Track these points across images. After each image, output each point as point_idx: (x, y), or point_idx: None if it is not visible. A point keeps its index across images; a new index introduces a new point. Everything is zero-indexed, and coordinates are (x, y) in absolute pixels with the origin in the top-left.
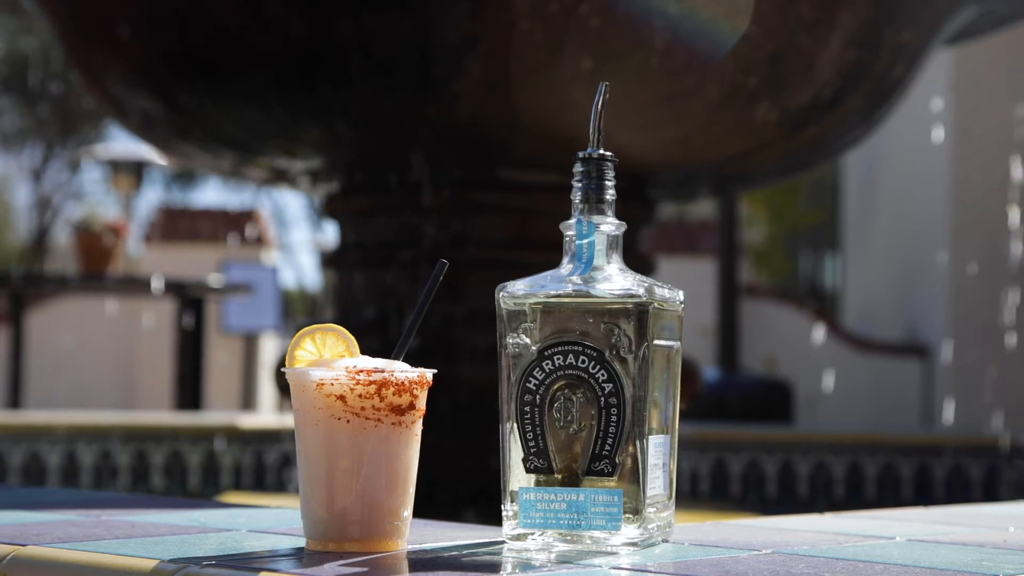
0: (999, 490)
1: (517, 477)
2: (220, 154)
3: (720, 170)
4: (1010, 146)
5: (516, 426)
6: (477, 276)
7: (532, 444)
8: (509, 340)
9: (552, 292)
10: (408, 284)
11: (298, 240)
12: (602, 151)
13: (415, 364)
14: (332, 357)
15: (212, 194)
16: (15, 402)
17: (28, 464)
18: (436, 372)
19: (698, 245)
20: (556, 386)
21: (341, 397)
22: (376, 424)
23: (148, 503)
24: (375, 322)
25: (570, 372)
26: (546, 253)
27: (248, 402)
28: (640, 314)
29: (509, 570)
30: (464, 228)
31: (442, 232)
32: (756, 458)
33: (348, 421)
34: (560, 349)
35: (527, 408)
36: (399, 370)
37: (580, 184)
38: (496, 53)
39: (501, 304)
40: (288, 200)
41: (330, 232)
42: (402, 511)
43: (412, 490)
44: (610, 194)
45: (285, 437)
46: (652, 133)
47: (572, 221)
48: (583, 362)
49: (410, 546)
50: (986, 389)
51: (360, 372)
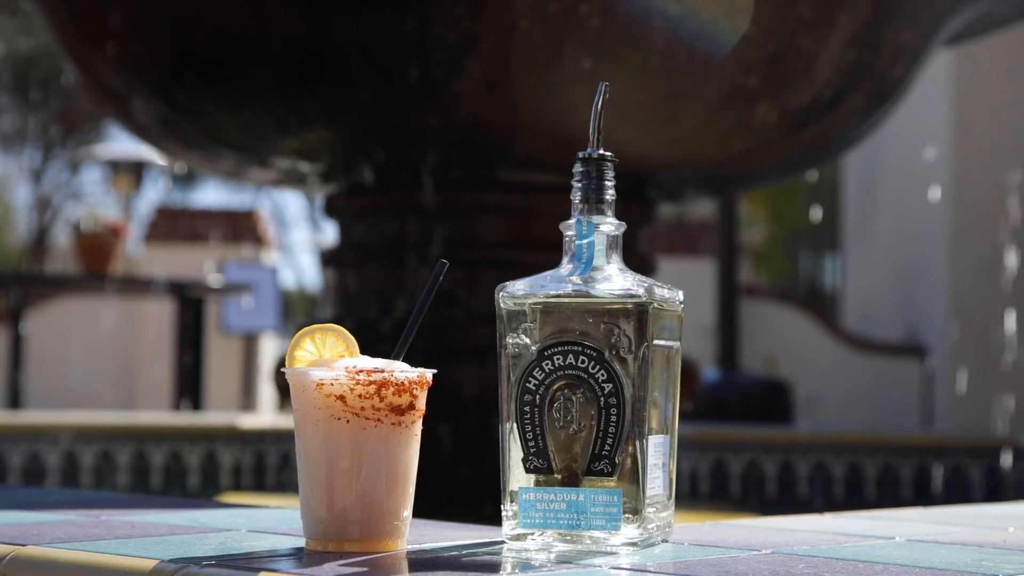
0: (999, 490)
1: (517, 477)
2: (220, 154)
3: (720, 170)
4: (1010, 147)
5: (516, 426)
6: (477, 276)
7: (532, 444)
8: (509, 340)
9: (552, 292)
10: (408, 284)
11: (298, 240)
12: (602, 151)
13: (415, 364)
14: (332, 357)
15: (212, 194)
16: (15, 402)
17: (28, 464)
18: (435, 372)
19: (698, 245)
20: (556, 386)
21: (341, 397)
22: (376, 424)
23: (148, 503)
24: (375, 322)
25: (570, 372)
26: (546, 253)
27: (248, 402)
28: (640, 314)
29: (509, 570)
30: (464, 228)
31: (442, 232)
32: (756, 458)
33: (348, 421)
34: (560, 349)
35: (527, 408)
36: (399, 370)
37: (580, 184)
38: (496, 53)
39: (501, 304)
40: (288, 200)
41: (330, 232)
42: (402, 511)
43: (412, 490)
44: (610, 194)
45: (285, 437)
46: (652, 133)
47: (572, 221)
48: (583, 362)
49: (410, 546)
50: (986, 389)
51: (360, 372)
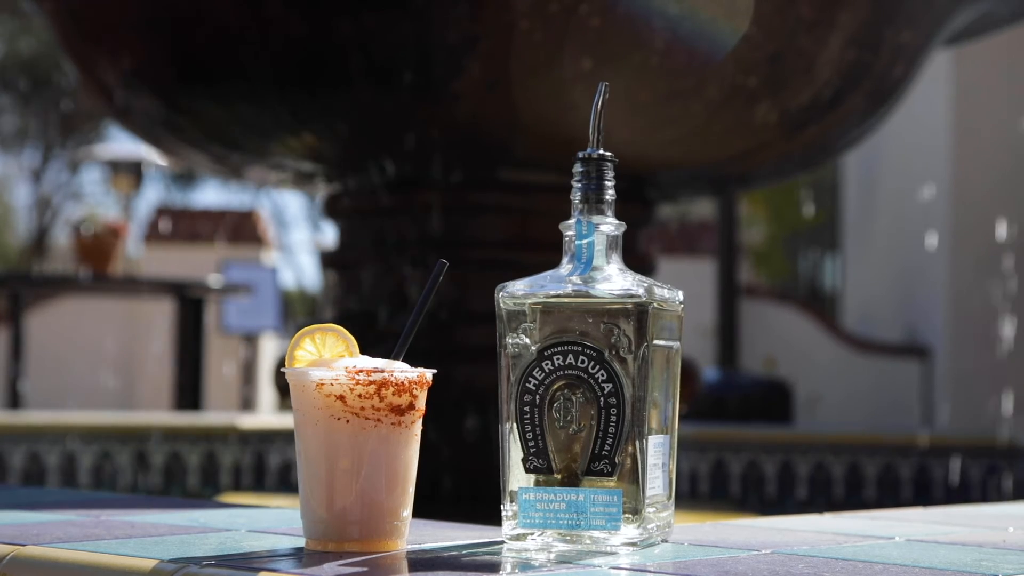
0: (999, 490)
1: (516, 477)
2: (219, 154)
3: (720, 170)
4: (1010, 146)
5: (516, 426)
6: (477, 276)
7: (532, 444)
8: (509, 340)
9: (552, 292)
10: (407, 284)
11: (298, 240)
12: (602, 151)
13: (415, 364)
14: (332, 357)
15: (212, 194)
16: (15, 402)
17: (28, 464)
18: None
19: (698, 245)
20: (556, 386)
21: (341, 397)
22: (376, 424)
23: (147, 503)
24: (374, 322)
25: (570, 372)
26: (546, 253)
27: (248, 402)
28: (640, 314)
29: (508, 570)
30: (464, 228)
31: (442, 232)
32: (756, 458)
33: (348, 421)
34: (560, 349)
35: (527, 408)
36: (399, 370)
37: (580, 184)
38: (496, 53)
39: (501, 304)
40: (288, 200)
41: (329, 232)
42: (402, 511)
43: (412, 490)
44: (610, 194)
45: (285, 437)
46: (652, 133)
47: (572, 221)
48: (583, 362)
49: (410, 546)
50: (986, 389)
51: (360, 372)
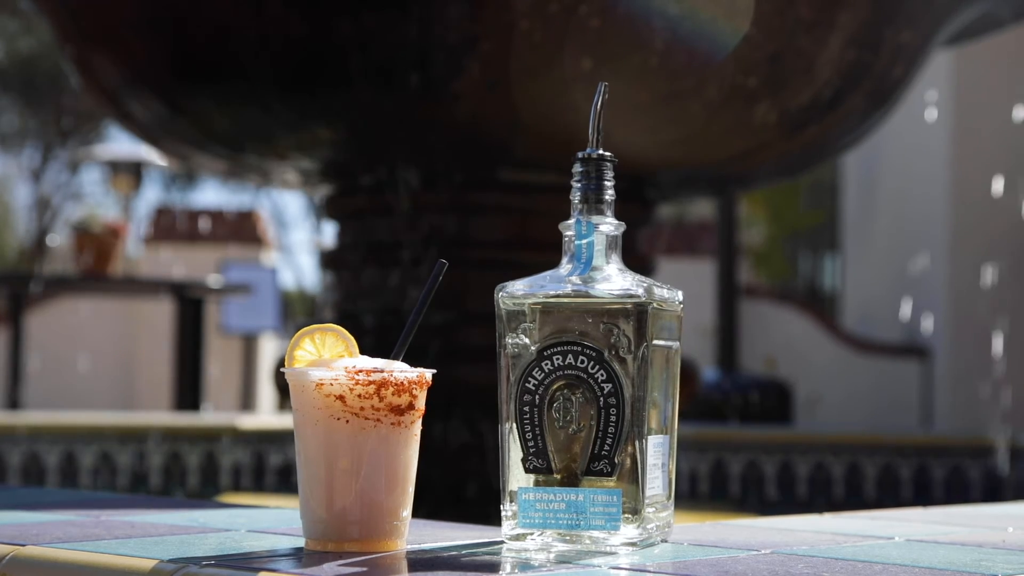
0: (998, 491)
1: (516, 477)
2: (219, 154)
3: (720, 170)
4: (1010, 146)
5: (515, 426)
6: (476, 276)
7: (531, 444)
8: (508, 340)
9: (551, 292)
10: (407, 284)
11: (297, 241)
12: (601, 151)
13: (414, 364)
14: (331, 357)
15: (212, 195)
16: (14, 403)
17: (27, 464)
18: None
19: (697, 246)
20: (555, 386)
21: (340, 397)
22: (375, 424)
23: (147, 503)
24: (374, 322)
25: (569, 372)
26: (545, 253)
27: (247, 403)
28: (639, 314)
29: (508, 570)
30: (464, 228)
31: (442, 232)
32: (755, 459)
33: (347, 421)
34: (559, 349)
35: (526, 408)
36: (398, 370)
37: (579, 184)
38: (496, 53)
39: (500, 304)
40: (287, 201)
41: (329, 233)
42: (401, 511)
43: (411, 490)
44: (609, 194)
45: (284, 438)
46: (652, 133)
47: (571, 221)
48: (582, 362)
49: (409, 546)
50: (985, 389)
51: (359, 372)
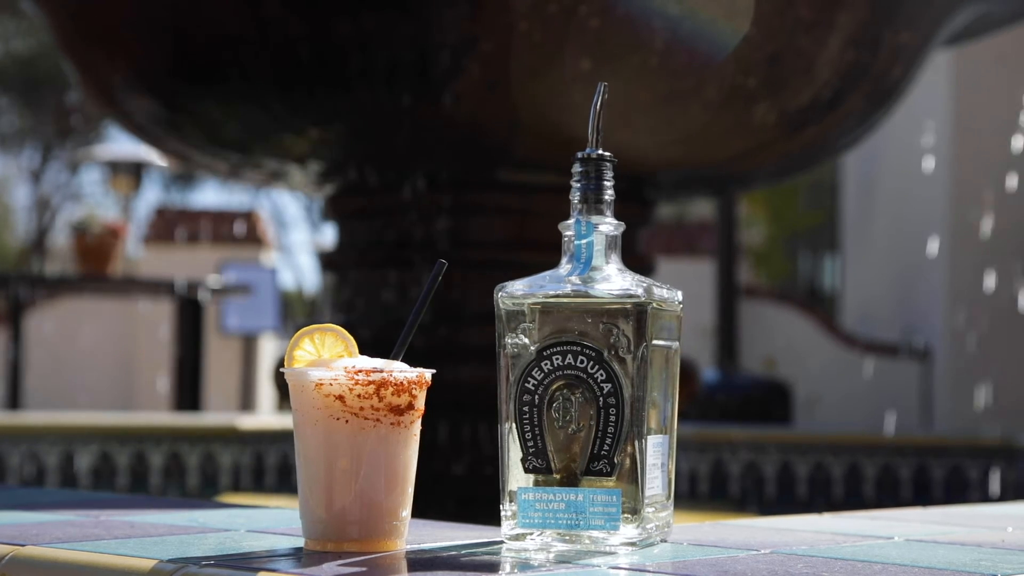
0: (997, 491)
1: (516, 477)
2: (219, 155)
3: (719, 171)
4: (1010, 146)
5: (515, 426)
6: (476, 276)
7: (531, 444)
8: (508, 340)
9: (551, 292)
10: (407, 285)
11: (297, 241)
12: (601, 151)
13: (414, 364)
14: (331, 357)
15: (211, 195)
16: (14, 403)
17: (27, 465)
18: (435, 372)
19: (697, 246)
20: (555, 386)
21: (340, 397)
22: (375, 424)
23: (147, 503)
24: (374, 323)
25: (569, 372)
26: (545, 254)
27: (247, 403)
28: (639, 314)
29: (508, 570)
30: (463, 228)
31: (441, 232)
32: (755, 459)
33: (347, 421)
34: (559, 349)
35: (526, 408)
36: (398, 370)
37: (579, 184)
38: (495, 54)
39: (500, 304)
40: (287, 201)
41: (329, 233)
42: (401, 511)
43: (411, 490)
44: (609, 194)
45: (284, 438)
46: (651, 134)
47: (571, 221)
48: (582, 362)
49: (409, 546)
50: (984, 390)
51: (359, 372)
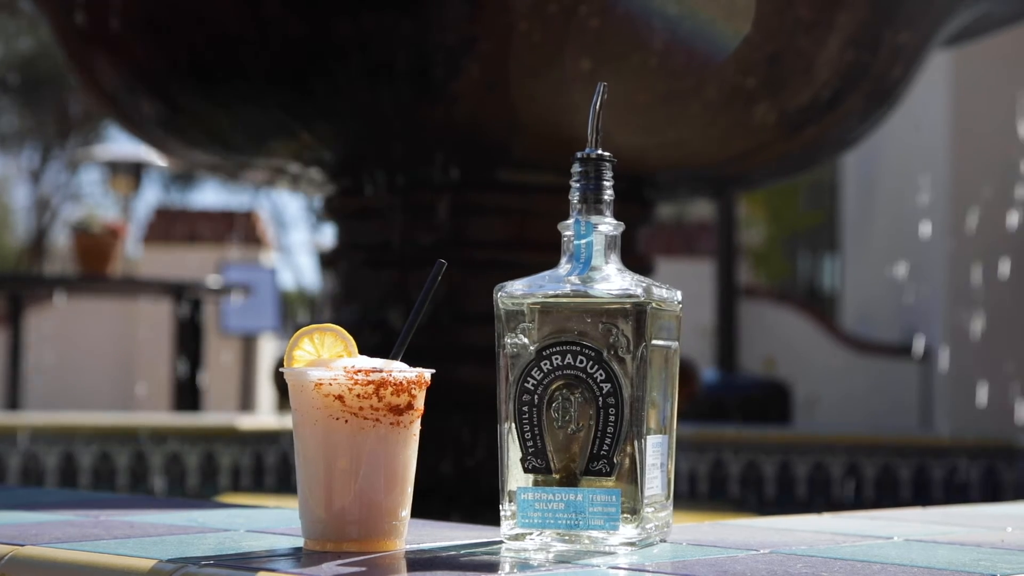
0: (997, 491)
1: (515, 477)
2: (218, 155)
3: (719, 171)
4: (1010, 146)
5: (514, 426)
6: (475, 276)
7: (530, 444)
8: (507, 340)
9: (550, 292)
10: (406, 285)
11: (297, 241)
12: (600, 151)
13: (413, 364)
14: (330, 357)
15: (211, 195)
16: (14, 403)
17: (27, 465)
18: (434, 372)
19: (697, 246)
20: (554, 386)
21: (339, 397)
22: (374, 424)
23: (146, 503)
24: (373, 323)
25: (568, 372)
26: (545, 254)
27: (247, 403)
28: (638, 314)
29: (507, 570)
30: (463, 229)
31: (441, 233)
32: (755, 459)
33: (346, 421)
34: (558, 349)
35: (525, 408)
36: (397, 370)
37: (578, 184)
38: (495, 54)
39: (499, 304)
40: (287, 201)
41: (328, 233)
42: (400, 511)
43: (410, 490)
44: (608, 194)
45: (284, 438)
46: (651, 134)
47: (570, 221)
48: (581, 362)
49: (408, 546)
50: (984, 390)
51: (358, 372)
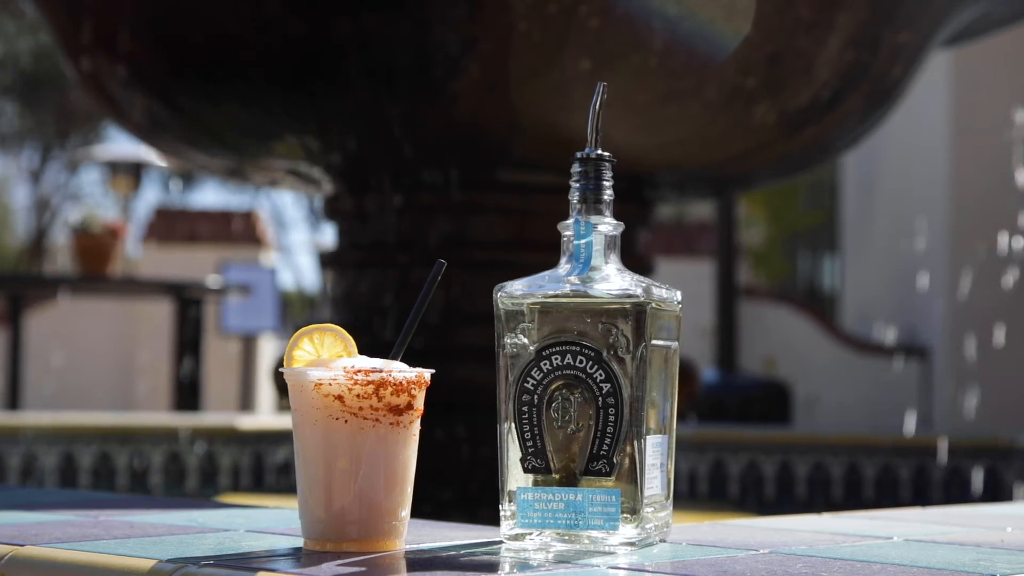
0: (997, 491)
1: (515, 477)
2: (218, 155)
3: (719, 171)
4: (1010, 146)
5: (514, 426)
6: (475, 276)
7: (530, 444)
8: (507, 340)
9: (550, 292)
10: (406, 285)
11: (297, 241)
12: (600, 151)
13: (413, 364)
14: (330, 357)
15: (211, 195)
16: (13, 403)
17: (26, 465)
18: (434, 372)
19: (697, 246)
20: (554, 386)
21: (339, 397)
22: (374, 424)
23: (146, 503)
24: (373, 323)
25: (568, 372)
26: (544, 254)
27: (247, 403)
28: (638, 314)
29: (507, 570)
30: (462, 229)
31: (440, 233)
32: (755, 459)
33: (346, 421)
34: (558, 349)
35: (525, 408)
36: (397, 370)
37: (578, 184)
38: (495, 54)
39: (499, 304)
40: (287, 201)
41: (328, 233)
42: (400, 511)
43: (410, 490)
44: (608, 194)
45: (284, 438)
46: (651, 134)
47: (570, 221)
48: (581, 362)
49: (408, 546)
50: (984, 390)
51: (358, 372)
